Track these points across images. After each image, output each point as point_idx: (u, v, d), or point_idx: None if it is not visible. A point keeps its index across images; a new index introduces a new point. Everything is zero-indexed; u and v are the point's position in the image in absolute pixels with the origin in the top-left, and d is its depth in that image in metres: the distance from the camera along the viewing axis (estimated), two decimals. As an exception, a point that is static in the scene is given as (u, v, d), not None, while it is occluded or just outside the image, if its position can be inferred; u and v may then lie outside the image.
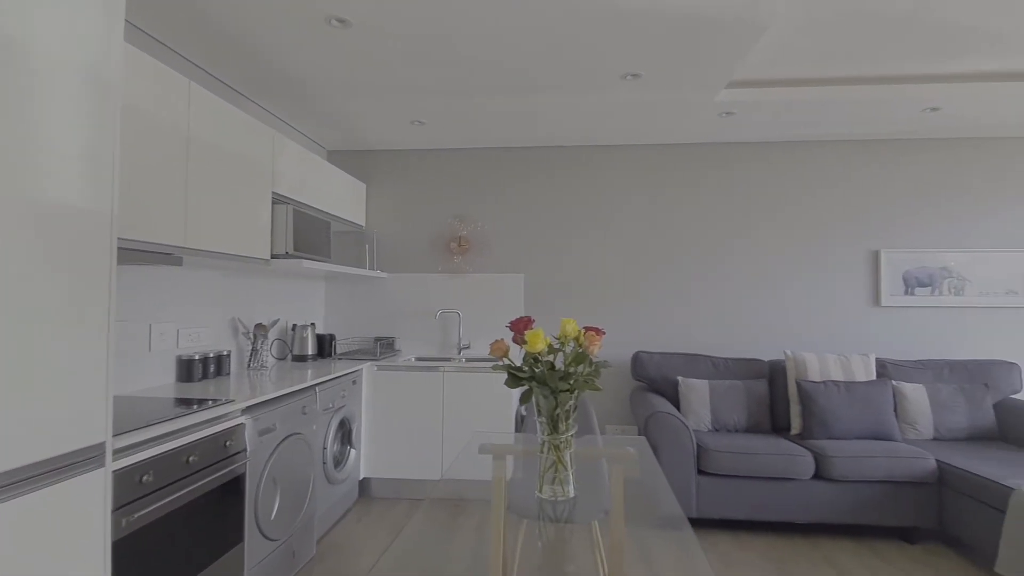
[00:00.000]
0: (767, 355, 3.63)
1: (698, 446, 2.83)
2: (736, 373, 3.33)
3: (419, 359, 3.62)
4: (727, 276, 3.68)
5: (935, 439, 3.03)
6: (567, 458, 1.52)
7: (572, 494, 1.52)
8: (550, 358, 1.53)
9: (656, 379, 3.35)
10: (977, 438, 3.03)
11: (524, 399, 1.50)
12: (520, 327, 1.46)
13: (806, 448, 2.83)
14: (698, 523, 2.95)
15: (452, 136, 3.66)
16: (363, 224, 3.83)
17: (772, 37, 2.57)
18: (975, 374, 3.20)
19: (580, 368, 1.48)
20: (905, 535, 2.78)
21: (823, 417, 2.94)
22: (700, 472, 2.81)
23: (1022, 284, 3.50)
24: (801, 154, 3.68)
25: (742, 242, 3.69)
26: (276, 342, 3.24)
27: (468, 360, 3.66)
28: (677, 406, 3.25)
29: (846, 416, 2.94)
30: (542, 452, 1.52)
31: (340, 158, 3.94)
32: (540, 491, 1.52)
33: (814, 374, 3.12)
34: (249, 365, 2.93)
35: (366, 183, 3.91)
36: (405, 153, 3.91)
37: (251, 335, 2.93)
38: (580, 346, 1.49)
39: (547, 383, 1.43)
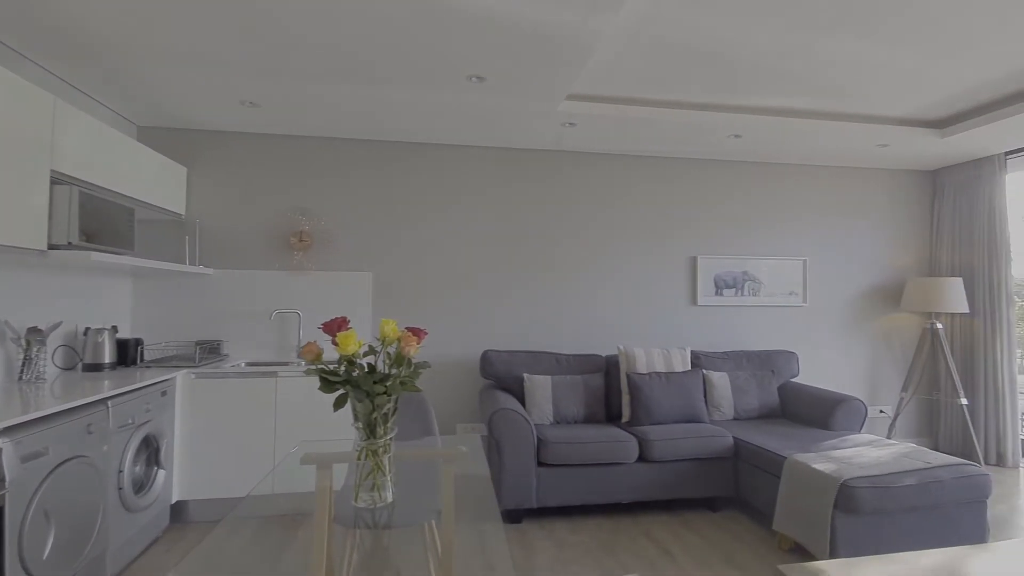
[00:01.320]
0: (604, 351, 3.92)
1: (539, 439, 2.95)
2: (576, 368, 3.54)
3: (251, 364, 3.29)
4: (569, 277, 3.91)
5: (735, 419, 3.51)
6: (386, 463, 1.47)
7: (391, 499, 1.47)
8: (370, 360, 1.46)
9: (504, 376, 3.44)
10: (766, 416, 3.57)
11: (338, 404, 1.42)
12: (333, 328, 1.38)
13: (632, 434, 3.10)
14: (539, 512, 3.07)
15: (292, 122, 3.38)
16: (182, 212, 3.37)
17: (604, 57, 2.77)
18: (764, 362, 3.77)
19: (399, 370, 1.44)
20: (710, 504, 3.18)
21: (647, 405, 3.25)
22: (541, 464, 2.93)
23: (800, 287, 4.22)
24: (633, 167, 4.03)
25: (582, 246, 3.94)
26: (61, 349, 2.72)
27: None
28: (523, 402, 3.36)
29: (666, 403, 3.28)
30: (359, 459, 1.44)
31: (155, 137, 3.44)
32: (356, 500, 1.44)
33: (642, 367, 3.43)
34: (21, 377, 2.42)
35: (188, 167, 3.46)
36: (238, 136, 3.54)
37: (22, 341, 2.42)
38: (398, 347, 1.44)
39: (362, 386, 1.37)
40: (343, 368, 1.40)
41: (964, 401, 3.96)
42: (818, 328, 4.27)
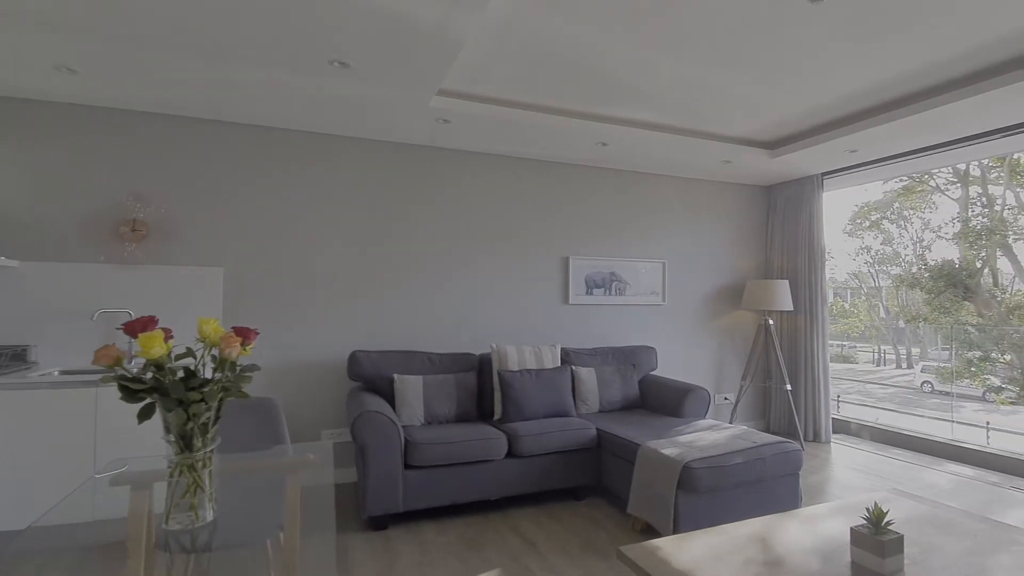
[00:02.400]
0: (479, 349, 3.94)
1: (407, 441, 2.87)
2: (450, 367, 3.51)
3: (66, 372, 2.82)
4: (445, 276, 3.88)
5: (600, 411, 3.71)
6: (206, 478, 1.32)
7: (211, 518, 1.32)
8: (187, 363, 1.30)
9: (373, 378, 3.31)
10: (628, 407, 3.82)
11: (143, 415, 1.24)
12: (135, 329, 1.20)
13: (502, 431, 3.14)
14: (407, 516, 3.00)
15: (121, 93, 2.95)
16: (-25, 193, 2.81)
17: (475, 57, 2.77)
18: (628, 357, 4.04)
19: (221, 375, 1.30)
20: (575, 494, 3.32)
21: (518, 401, 3.32)
22: (409, 467, 2.86)
23: (660, 287, 4.59)
24: (509, 167, 4.11)
25: (458, 244, 3.93)
26: None
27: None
28: (393, 403, 3.26)
29: (536, 399, 3.38)
30: (172, 476, 1.28)
31: (-62, 98, 2.82)
32: (166, 522, 1.27)
33: (513, 364, 3.50)
34: None
35: (-15, 138, 2.89)
36: (50, 106, 3.02)
37: None
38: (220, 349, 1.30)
39: (172, 394, 1.21)
40: (150, 374, 1.23)
41: (788, 387, 4.57)
42: (675, 325, 4.68)
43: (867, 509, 1.80)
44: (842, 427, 4.96)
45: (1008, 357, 8.93)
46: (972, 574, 1.72)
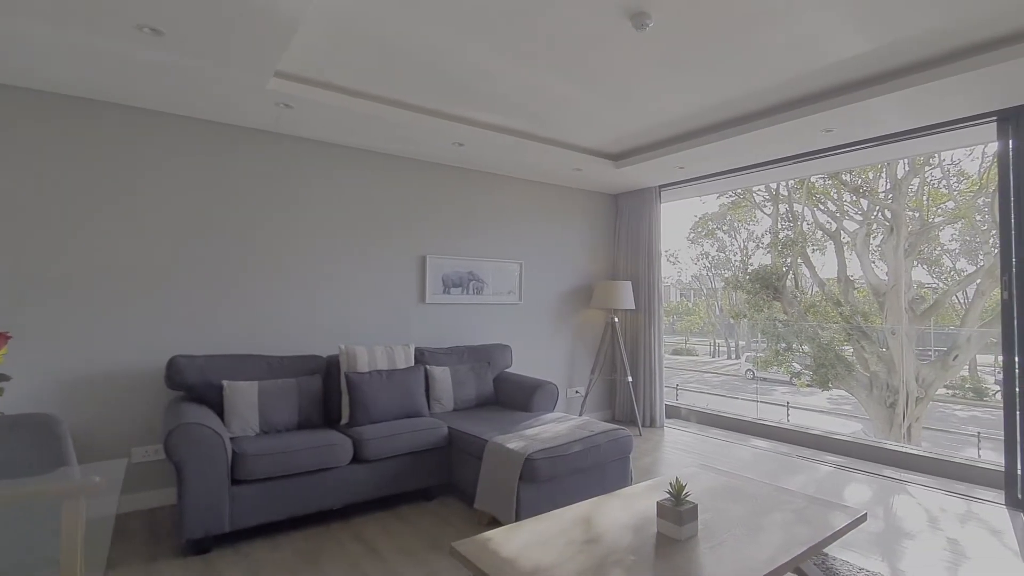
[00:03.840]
0: (328, 351, 3.74)
1: (235, 453, 2.62)
2: (291, 371, 3.28)
3: None
4: (290, 274, 3.62)
5: (455, 410, 3.73)
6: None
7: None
8: None
9: (198, 386, 2.97)
10: (482, 404, 3.89)
11: None
12: None
13: (348, 435, 3.01)
14: (235, 536, 2.74)
15: None
16: None
17: (318, 43, 2.62)
18: (483, 355, 4.11)
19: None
20: (426, 494, 3.30)
21: (366, 404, 3.20)
22: (237, 482, 2.61)
23: (517, 286, 4.75)
24: (363, 161, 3.96)
25: (306, 240, 3.70)
26: None
27: None
28: (222, 413, 2.95)
29: (386, 400, 3.29)
30: None
31: None
32: None
33: (363, 365, 3.37)
34: None
35: None
36: None
37: None
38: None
39: None
40: None
41: (630, 379, 5.01)
42: (531, 323, 4.87)
43: (671, 485, 2.02)
44: (675, 413, 5.55)
45: (806, 347, 10.71)
46: (749, 530, 2.02)
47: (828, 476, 3.78)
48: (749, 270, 12.12)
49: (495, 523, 2.92)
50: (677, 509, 1.94)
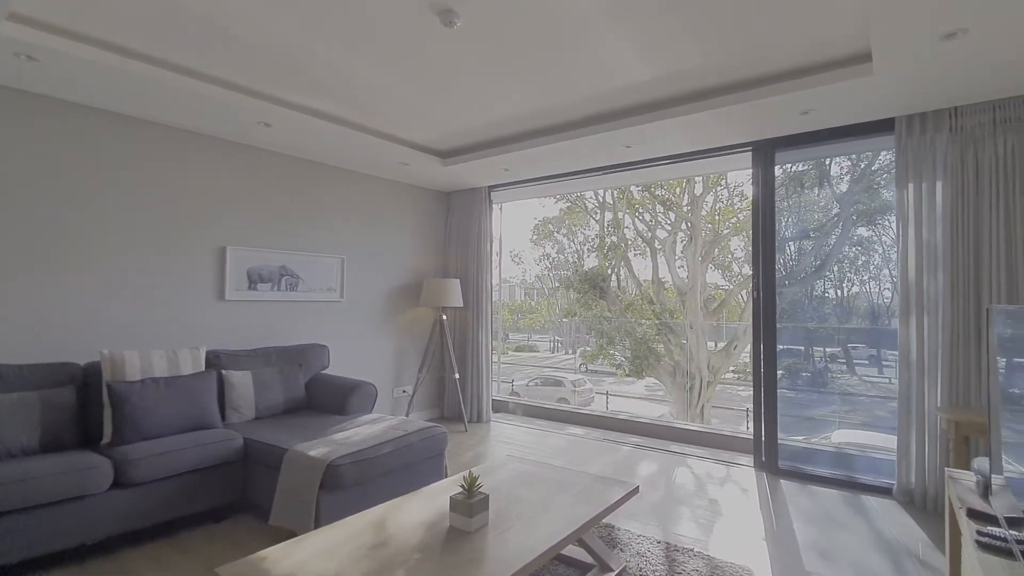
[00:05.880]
0: (88, 357, 3.13)
1: (-72, 492, 2.03)
2: (32, 383, 2.67)
3: None
4: (34, 263, 2.95)
5: (256, 418, 3.38)
6: None
7: None
8: None
9: None
10: (291, 410, 3.59)
11: None
12: None
13: (108, 456, 2.53)
14: (-67, 598, 2.14)
15: None
16: None
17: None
18: (295, 356, 3.80)
19: None
20: (216, 516, 2.93)
21: (136, 418, 2.73)
22: (-69, 527, 2.03)
23: (338, 282, 4.49)
24: (144, 133, 3.39)
25: (65, 222, 3.05)
26: None
27: None
28: (-84, 441, 2.28)
29: (164, 412, 2.84)
30: None
31: None
32: None
33: (133, 373, 2.88)
34: None
35: None
36: None
37: None
38: None
39: None
40: None
41: (457, 376, 5.06)
42: (354, 322, 4.64)
43: (463, 478, 2.04)
44: (501, 407, 5.75)
45: (625, 341, 11.96)
46: (537, 513, 2.12)
47: (627, 455, 4.21)
48: (579, 272, 13.16)
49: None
50: (468, 502, 1.96)
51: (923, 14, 2.15)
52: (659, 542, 2.68)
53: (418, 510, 2.14)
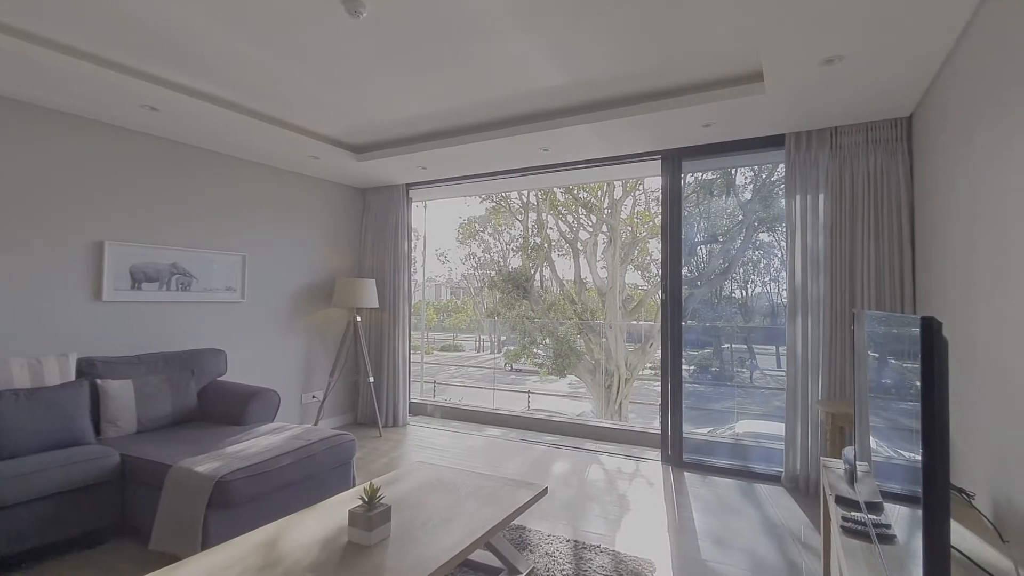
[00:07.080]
0: (-76, 367, 2.69)
1: None
2: None
3: None
4: None
5: (138, 432, 3.06)
6: None
7: None
8: None
9: None
10: (180, 422, 3.29)
11: None
12: None
13: (-57, 484, 2.18)
14: None
15: None
16: None
17: None
18: (186, 363, 3.49)
19: None
20: (90, 541, 2.62)
21: (-18, 438, 2.38)
22: None
23: (238, 281, 4.18)
24: (13, 112, 2.97)
25: None
26: None
27: None
28: None
29: (22, 429, 2.50)
30: None
31: None
32: None
33: (-18, 385, 2.50)
34: None
35: None
36: None
37: None
38: None
39: None
40: None
41: (371, 379, 4.88)
42: (257, 324, 4.35)
43: (364, 490, 1.95)
44: (420, 410, 5.62)
45: (548, 341, 12.16)
46: (443, 521, 2.07)
47: (543, 455, 4.26)
48: (502, 272, 13.24)
49: (178, 562, 2.47)
50: (367, 515, 1.87)
51: (805, 40, 2.33)
52: (568, 540, 2.71)
53: (315, 526, 2.02)
